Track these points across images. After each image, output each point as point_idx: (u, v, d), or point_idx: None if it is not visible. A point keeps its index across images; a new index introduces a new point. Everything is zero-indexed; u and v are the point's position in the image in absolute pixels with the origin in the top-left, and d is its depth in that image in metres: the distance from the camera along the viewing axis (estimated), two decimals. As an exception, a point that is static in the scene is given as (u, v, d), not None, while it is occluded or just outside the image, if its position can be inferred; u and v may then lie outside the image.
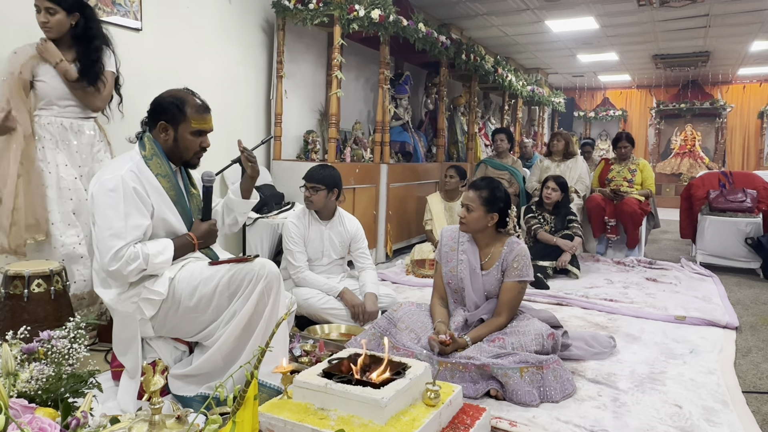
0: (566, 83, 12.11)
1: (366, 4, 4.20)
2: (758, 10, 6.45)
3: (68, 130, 2.66)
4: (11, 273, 2.16)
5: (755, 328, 3.20)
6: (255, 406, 1.29)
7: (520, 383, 2.09)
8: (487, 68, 6.57)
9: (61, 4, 2.51)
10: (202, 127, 2.03)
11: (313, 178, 3.00)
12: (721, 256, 4.84)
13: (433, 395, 1.67)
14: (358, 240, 3.16)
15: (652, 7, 6.34)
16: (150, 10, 3.52)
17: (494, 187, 2.50)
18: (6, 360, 1.40)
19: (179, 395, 1.97)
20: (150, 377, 1.37)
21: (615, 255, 5.18)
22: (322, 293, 2.95)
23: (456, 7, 6.37)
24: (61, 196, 2.61)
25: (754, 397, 2.24)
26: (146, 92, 2.64)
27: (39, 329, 1.60)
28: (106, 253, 1.83)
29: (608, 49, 8.73)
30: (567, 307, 3.53)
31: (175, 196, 2.02)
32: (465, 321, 2.47)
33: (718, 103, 11.38)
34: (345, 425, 1.52)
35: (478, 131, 7.47)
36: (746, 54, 9.00)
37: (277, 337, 1.85)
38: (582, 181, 5.19)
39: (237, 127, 4.31)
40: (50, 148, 2.61)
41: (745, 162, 11.69)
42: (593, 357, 2.58)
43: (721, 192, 4.98)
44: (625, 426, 1.94)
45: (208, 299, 1.93)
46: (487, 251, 2.54)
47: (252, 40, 4.46)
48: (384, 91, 4.74)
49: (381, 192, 4.85)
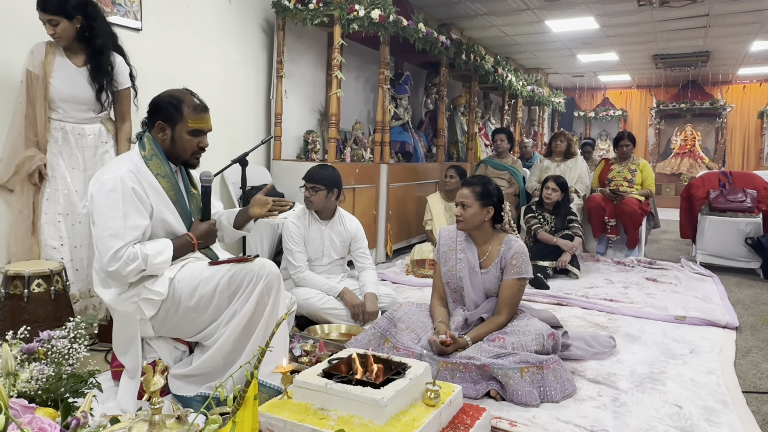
0: (566, 83, 12.11)
1: (366, 4, 4.20)
2: (758, 10, 6.44)
3: (70, 134, 2.62)
4: (11, 273, 2.17)
5: (755, 328, 3.20)
6: (255, 406, 1.29)
7: (521, 383, 2.09)
8: (487, 68, 6.57)
9: (60, 13, 2.47)
10: (199, 127, 2.02)
11: (313, 178, 3.00)
12: (721, 256, 4.83)
13: (433, 395, 1.67)
14: (358, 240, 3.16)
15: (652, 7, 6.34)
16: (150, 10, 3.52)
17: (485, 182, 2.54)
18: (6, 360, 1.40)
19: (179, 395, 1.97)
20: (150, 377, 1.37)
21: (615, 255, 5.18)
22: (322, 293, 2.95)
23: (456, 7, 6.37)
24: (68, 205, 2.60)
25: (754, 397, 2.24)
26: (146, 92, 2.64)
27: (39, 329, 1.60)
28: (105, 253, 1.83)
29: (608, 49, 8.73)
30: (567, 307, 3.53)
31: (175, 197, 2.02)
32: (465, 320, 2.47)
33: (718, 103, 11.38)
34: (345, 425, 1.52)
35: (478, 131, 7.47)
36: (746, 54, 9.00)
37: (277, 337, 1.85)
38: (582, 181, 5.19)
39: (237, 128, 4.31)
40: (54, 153, 2.59)
41: (745, 162, 11.69)
42: (593, 357, 2.58)
43: (721, 192, 4.98)
44: (625, 426, 1.94)
45: (208, 299, 1.93)
46: (485, 249, 2.54)
47: (252, 40, 4.46)
48: (384, 91, 4.74)
49: (381, 192, 4.85)
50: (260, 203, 2.20)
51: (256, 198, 2.22)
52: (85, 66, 2.61)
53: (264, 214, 2.20)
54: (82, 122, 2.65)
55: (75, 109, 2.62)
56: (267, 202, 2.20)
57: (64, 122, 2.61)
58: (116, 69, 2.67)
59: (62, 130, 2.61)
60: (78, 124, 2.64)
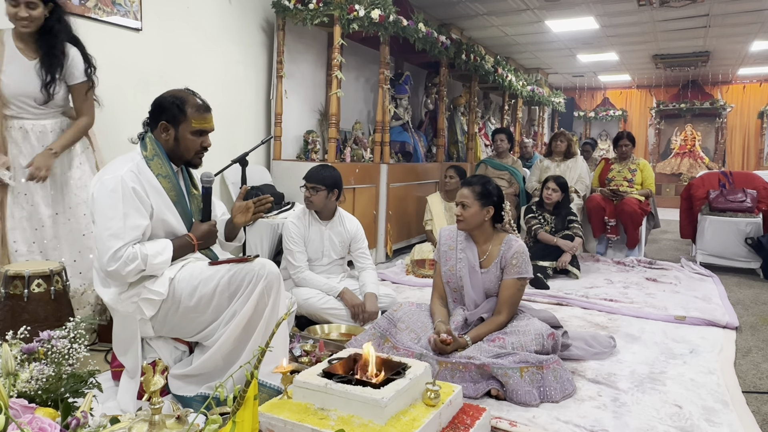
0: (566, 83, 12.11)
1: (366, 4, 4.20)
2: (758, 10, 6.45)
3: (30, 132, 2.47)
4: (11, 273, 2.16)
5: (755, 328, 3.20)
6: (255, 406, 1.29)
7: (520, 383, 2.09)
8: (487, 68, 6.57)
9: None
10: (202, 127, 2.03)
11: (314, 178, 3.00)
12: (721, 256, 4.83)
13: (433, 395, 1.67)
14: (358, 240, 3.16)
15: (652, 7, 6.34)
16: (150, 10, 3.52)
17: (485, 182, 2.54)
18: (6, 360, 1.40)
19: (179, 395, 1.97)
20: (150, 377, 1.37)
21: (615, 255, 5.18)
22: (322, 293, 2.95)
23: (456, 7, 6.37)
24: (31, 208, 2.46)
25: (754, 397, 2.24)
26: (146, 92, 2.63)
27: (39, 329, 1.60)
28: (104, 253, 1.83)
29: (608, 49, 8.73)
30: (567, 307, 3.53)
31: (176, 197, 2.02)
32: (465, 320, 2.47)
33: (718, 103, 11.38)
34: (345, 425, 1.52)
35: (478, 131, 7.47)
36: (746, 54, 9.00)
37: (277, 337, 1.85)
38: (582, 181, 5.19)
39: (237, 127, 4.31)
40: (14, 154, 2.43)
41: (745, 162, 11.69)
42: (593, 357, 2.58)
43: (721, 192, 4.98)
44: (625, 426, 1.94)
45: (208, 299, 1.93)
46: (485, 249, 2.55)
47: (252, 39, 4.46)
48: (384, 91, 4.74)
49: (381, 192, 4.85)
50: (241, 210, 2.15)
51: (236, 206, 2.16)
52: (36, 58, 2.43)
53: (249, 219, 2.16)
54: (41, 117, 2.48)
55: (30, 105, 2.44)
56: (248, 207, 2.15)
57: (22, 119, 2.45)
58: (70, 62, 2.48)
59: (21, 129, 2.45)
60: (38, 121, 2.47)
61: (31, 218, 2.49)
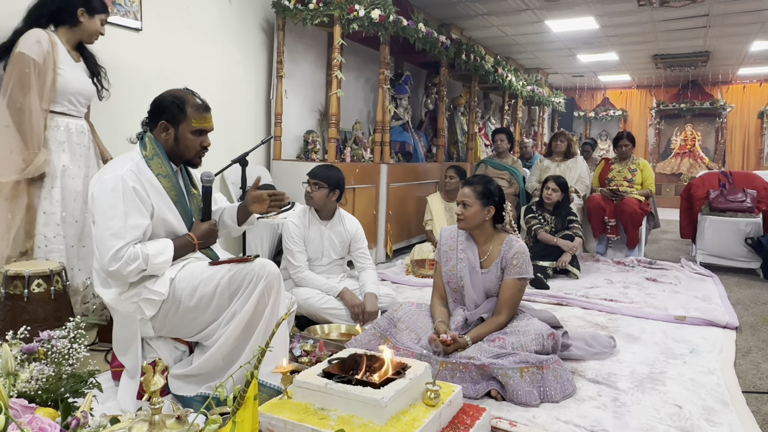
0: (566, 83, 12.11)
1: (366, 4, 4.20)
2: (758, 10, 6.45)
3: (74, 131, 2.59)
4: (11, 273, 2.16)
5: (755, 328, 3.20)
6: (255, 406, 1.29)
7: (521, 383, 2.09)
8: (487, 68, 6.57)
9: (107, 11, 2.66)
10: (202, 126, 2.03)
11: (318, 175, 3.01)
12: (721, 256, 4.83)
13: (433, 395, 1.67)
14: (358, 240, 3.16)
15: (652, 7, 6.34)
16: (150, 10, 3.52)
17: (487, 181, 2.54)
18: (6, 360, 1.40)
19: (179, 395, 1.97)
20: (150, 377, 1.37)
21: (615, 255, 5.18)
22: (322, 293, 2.95)
23: (456, 7, 6.37)
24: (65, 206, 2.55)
25: (754, 397, 2.24)
26: (146, 92, 2.64)
27: (39, 329, 1.60)
28: (105, 253, 1.83)
29: (608, 49, 8.73)
30: (567, 307, 3.53)
31: (176, 197, 2.02)
32: (465, 320, 2.47)
33: (718, 103, 11.38)
34: (345, 425, 1.52)
35: (478, 131, 7.47)
36: (746, 54, 9.00)
37: (277, 337, 1.84)
38: (582, 181, 5.19)
39: (237, 127, 4.31)
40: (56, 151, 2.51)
41: (745, 162, 11.69)
42: (593, 357, 2.58)
43: (721, 192, 4.98)
44: (625, 426, 1.94)
45: (209, 299, 1.93)
46: (485, 249, 2.54)
47: (252, 40, 4.46)
48: (384, 91, 4.74)
49: (381, 192, 4.85)
50: (257, 199, 2.14)
51: (252, 195, 2.15)
52: (80, 61, 2.63)
53: (264, 210, 2.16)
54: (80, 117, 2.64)
55: (80, 103, 2.60)
56: (264, 198, 2.14)
57: (68, 117, 2.57)
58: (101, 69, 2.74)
59: (66, 127, 2.55)
60: (78, 120, 2.62)
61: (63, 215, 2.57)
